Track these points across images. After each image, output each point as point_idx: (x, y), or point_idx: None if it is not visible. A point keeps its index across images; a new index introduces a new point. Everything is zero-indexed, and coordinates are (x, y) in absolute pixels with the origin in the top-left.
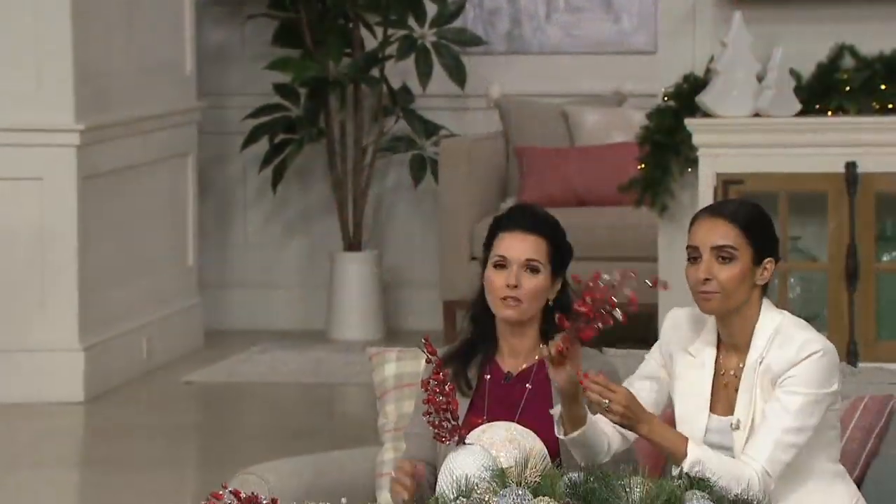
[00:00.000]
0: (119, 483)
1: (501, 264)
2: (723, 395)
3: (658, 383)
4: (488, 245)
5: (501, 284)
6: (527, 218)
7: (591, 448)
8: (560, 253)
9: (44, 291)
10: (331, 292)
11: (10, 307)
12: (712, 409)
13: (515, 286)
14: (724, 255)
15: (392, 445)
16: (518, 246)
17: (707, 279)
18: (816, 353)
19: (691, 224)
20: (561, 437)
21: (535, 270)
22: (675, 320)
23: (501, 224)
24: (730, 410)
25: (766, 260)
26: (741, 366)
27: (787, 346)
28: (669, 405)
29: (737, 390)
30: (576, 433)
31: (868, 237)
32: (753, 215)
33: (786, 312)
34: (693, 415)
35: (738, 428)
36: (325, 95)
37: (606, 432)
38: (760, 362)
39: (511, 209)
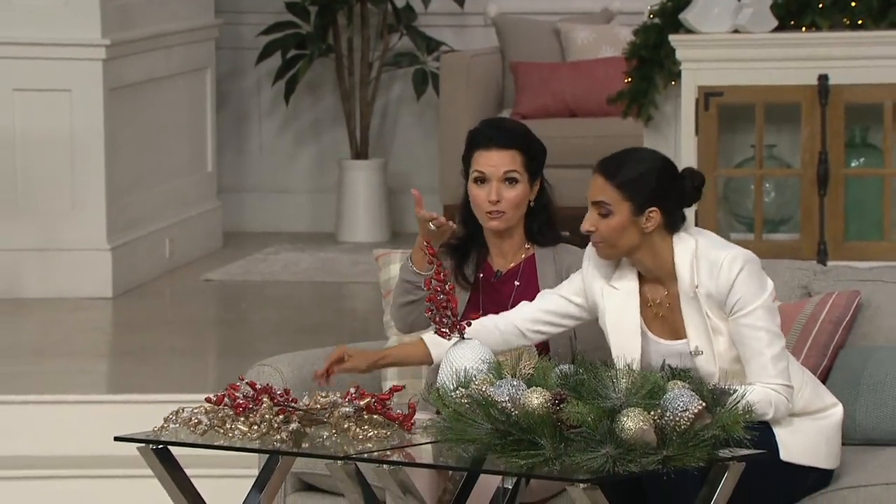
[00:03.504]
0: (144, 372)
1: (481, 179)
2: (659, 323)
3: (569, 304)
4: (467, 159)
5: (484, 199)
6: (500, 133)
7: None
8: (535, 159)
9: (74, 195)
10: (339, 197)
11: (43, 210)
12: (655, 334)
13: (497, 200)
14: (601, 211)
15: (397, 339)
16: (495, 161)
17: (590, 230)
18: (743, 269)
19: None
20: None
21: (513, 181)
22: (594, 255)
23: (477, 141)
24: (673, 335)
25: (649, 210)
26: (666, 293)
27: (714, 269)
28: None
29: (668, 317)
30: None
31: (838, 145)
32: (633, 174)
33: (698, 235)
34: (626, 341)
35: (700, 353)
36: (334, 13)
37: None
38: (696, 289)
39: (483, 125)
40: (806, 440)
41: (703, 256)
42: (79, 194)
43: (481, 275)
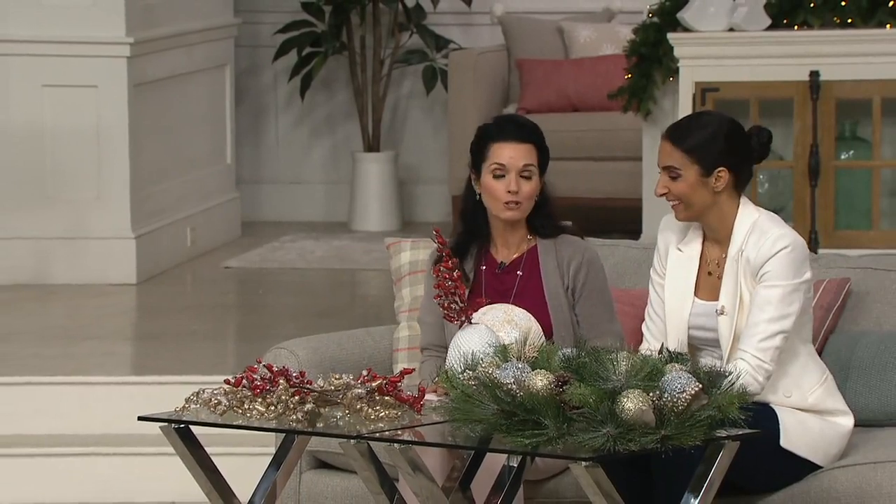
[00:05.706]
0: (166, 354)
1: (500, 173)
2: (706, 283)
3: (663, 293)
4: (479, 152)
5: (503, 191)
6: (518, 128)
7: None
8: (545, 156)
9: (100, 186)
10: (352, 188)
11: (70, 200)
12: (697, 295)
13: (517, 192)
14: (672, 174)
15: (407, 324)
16: (514, 155)
17: (663, 193)
18: (786, 248)
19: None
20: None
21: (529, 175)
22: (666, 224)
23: (495, 135)
24: (713, 296)
25: (717, 170)
26: (723, 256)
27: (761, 240)
28: None
29: (720, 278)
30: None
31: (829, 138)
32: (699, 139)
33: (763, 210)
34: (680, 301)
35: (723, 313)
36: (347, 12)
37: None
38: (741, 253)
39: (499, 120)
40: (809, 435)
41: (759, 226)
42: (104, 185)
43: (483, 266)
